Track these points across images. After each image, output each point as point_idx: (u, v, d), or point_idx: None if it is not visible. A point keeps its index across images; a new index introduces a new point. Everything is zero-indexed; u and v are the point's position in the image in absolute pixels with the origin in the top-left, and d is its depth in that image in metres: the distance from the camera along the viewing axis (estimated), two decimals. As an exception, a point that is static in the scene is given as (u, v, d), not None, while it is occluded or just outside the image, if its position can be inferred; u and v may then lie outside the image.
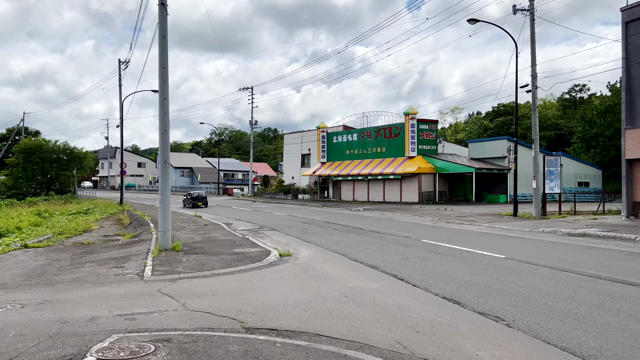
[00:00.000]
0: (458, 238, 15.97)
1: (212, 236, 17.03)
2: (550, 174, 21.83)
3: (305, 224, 22.08)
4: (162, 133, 12.88)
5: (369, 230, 18.87)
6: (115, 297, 8.09)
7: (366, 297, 7.87)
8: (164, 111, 12.85)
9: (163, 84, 12.87)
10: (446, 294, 7.96)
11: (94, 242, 16.51)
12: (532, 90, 21.58)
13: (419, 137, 36.12)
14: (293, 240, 16.46)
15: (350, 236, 17.05)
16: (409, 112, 35.98)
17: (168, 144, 12.98)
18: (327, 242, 15.64)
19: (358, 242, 15.42)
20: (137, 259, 11.79)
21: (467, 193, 37.99)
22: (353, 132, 42.33)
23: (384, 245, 14.53)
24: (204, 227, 20.33)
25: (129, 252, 12.99)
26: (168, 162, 12.99)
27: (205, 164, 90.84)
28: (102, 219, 28.00)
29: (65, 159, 51.19)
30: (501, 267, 10.44)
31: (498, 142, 36.15)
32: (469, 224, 20.79)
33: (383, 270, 10.38)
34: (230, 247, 14.00)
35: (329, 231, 18.96)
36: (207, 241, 15.49)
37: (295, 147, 52.89)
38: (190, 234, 17.71)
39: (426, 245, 14.20)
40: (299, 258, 12.34)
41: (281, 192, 50.49)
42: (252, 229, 20.33)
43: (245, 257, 12.03)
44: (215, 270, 10.37)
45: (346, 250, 13.48)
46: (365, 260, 11.77)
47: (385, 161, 37.93)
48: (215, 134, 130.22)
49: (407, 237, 16.34)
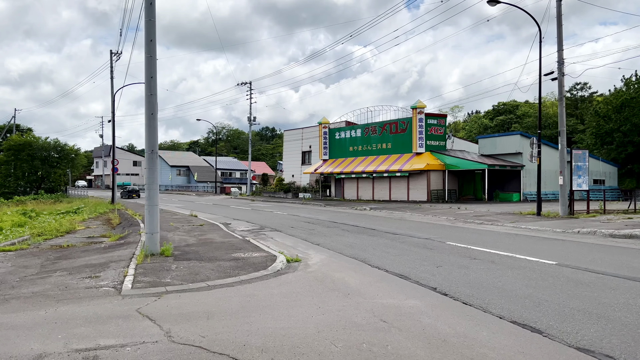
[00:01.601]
0: (487, 240, 14.09)
1: (208, 238, 15.12)
2: (578, 169, 19.98)
3: (311, 224, 20.19)
4: (149, 117, 10.95)
5: (382, 231, 16.98)
6: (79, 320, 6.18)
7: (410, 321, 5.97)
8: (151, 92, 10.93)
9: (150, 60, 10.94)
10: (514, 317, 6.07)
11: (74, 244, 14.57)
12: (559, 78, 19.70)
13: (427, 133, 34.24)
14: (299, 242, 14.56)
15: (363, 238, 15.17)
16: (416, 106, 34.10)
17: (156, 131, 11.05)
18: (339, 244, 13.76)
19: (374, 244, 13.53)
20: (117, 266, 9.86)
21: (477, 191, 36.15)
22: (356, 127, 40.41)
23: (405, 248, 12.64)
24: (199, 228, 18.41)
25: (109, 258, 11.06)
26: (156, 151, 11.06)
27: (202, 163, 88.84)
28: (91, 218, 26.06)
29: (55, 157, 49.21)
30: (561, 276, 8.55)
31: (510, 138, 34.31)
32: (490, 224, 18.93)
33: (416, 281, 8.49)
34: (228, 251, 12.09)
35: (338, 232, 17.08)
36: (202, 244, 13.58)
37: (295, 144, 50.95)
38: (183, 236, 15.79)
39: (454, 249, 12.32)
40: (310, 265, 10.44)
41: (281, 191, 48.56)
42: (253, 230, 18.43)
43: (247, 264, 10.12)
44: (211, 281, 8.46)
45: (363, 255, 11.59)
46: (389, 267, 9.88)
47: (391, 158, 36.04)
48: (212, 132, 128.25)
49: (429, 239, 14.47)
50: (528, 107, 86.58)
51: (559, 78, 19.69)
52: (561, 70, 19.61)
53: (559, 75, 19.69)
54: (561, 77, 19.66)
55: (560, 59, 19.64)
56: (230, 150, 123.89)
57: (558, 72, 19.68)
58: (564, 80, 19.66)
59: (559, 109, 20.10)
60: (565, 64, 19.87)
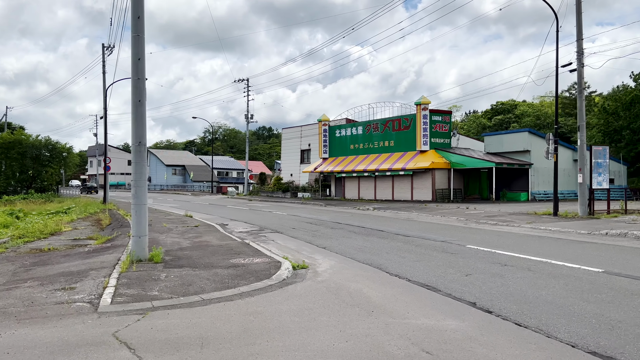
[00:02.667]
0: (510, 243, 12.84)
1: (203, 241, 13.81)
2: (598, 167, 18.75)
3: (313, 225, 18.91)
4: (136, 105, 9.64)
5: (392, 233, 15.72)
6: (39, 349, 4.88)
7: (459, 352, 4.70)
8: (138, 75, 9.62)
9: (137, 40, 9.63)
10: (590, 345, 4.80)
11: (56, 248, 13.23)
12: (578, 69, 18.46)
13: (431, 130, 32.99)
14: (304, 245, 13.28)
15: (373, 240, 13.89)
16: (421, 102, 32.84)
17: (144, 120, 9.74)
18: (347, 248, 12.49)
19: (387, 248, 12.26)
20: (97, 275, 8.54)
21: (483, 190, 34.94)
22: (357, 124, 39.12)
23: (422, 253, 11.37)
24: (194, 229, 17.09)
25: (91, 264, 9.74)
26: (144, 143, 9.75)
27: (198, 162, 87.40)
28: (80, 219, 24.70)
29: (47, 155, 47.66)
30: (619, 288, 7.30)
31: (518, 135, 33.10)
32: (505, 225, 17.70)
33: (448, 293, 7.22)
34: (226, 255, 10.78)
35: (344, 234, 15.81)
36: (197, 247, 12.26)
37: (294, 142, 49.62)
38: (176, 238, 14.47)
39: (478, 254, 11.06)
40: (319, 272, 9.16)
41: (279, 191, 47.23)
42: (252, 232, 17.13)
43: (248, 272, 8.82)
44: (207, 294, 7.17)
45: (378, 260, 10.32)
46: (411, 276, 8.61)
47: (394, 156, 34.77)
48: (209, 132, 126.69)
49: (445, 242, 13.21)
50: (527, 107, 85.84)
51: (578, 69, 18.45)
52: (581, 61, 18.38)
53: (578, 66, 18.45)
54: (581, 68, 18.43)
55: (580, 48, 18.41)
56: (227, 150, 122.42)
57: (577, 63, 18.44)
58: (583, 71, 18.43)
59: (579, 103, 18.89)
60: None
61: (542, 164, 32.42)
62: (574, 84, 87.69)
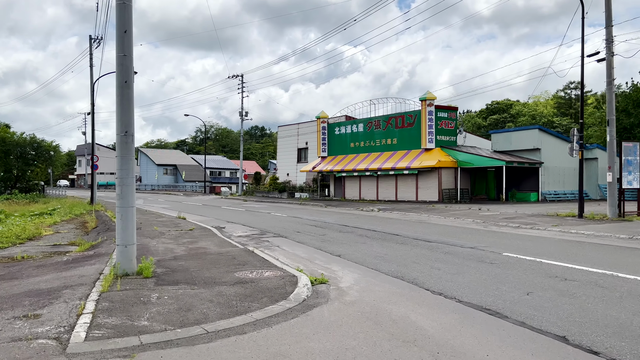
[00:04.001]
0: (551, 250, 11.32)
1: (200, 247, 12.16)
2: (628, 164, 17.32)
3: (319, 228, 17.31)
4: (122, 87, 7.98)
5: (409, 237, 14.15)
6: None
7: None
8: (124, 51, 7.96)
9: (123, 8, 7.96)
10: None
11: (31, 256, 11.54)
12: (607, 58, 17.01)
13: (437, 127, 31.47)
14: (315, 253, 11.68)
15: (392, 247, 12.32)
16: (426, 98, 31.32)
17: (131, 105, 8.08)
18: (366, 256, 10.92)
19: (412, 256, 10.69)
20: (72, 295, 6.87)
21: (490, 190, 33.52)
22: (358, 122, 37.53)
23: (457, 262, 9.81)
24: (189, 233, 15.41)
25: (66, 280, 8.06)
26: (131, 133, 8.08)
27: (190, 161, 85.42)
28: (64, 221, 22.93)
29: (32, 154, 45.63)
30: None
31: (527, 133, 31.68)
32: (529, 228, 16.21)
33: (519, 320, 5.66)
34: (229, 267, 9.15)
35: (356, 238, 14.23)
36: (194, 256, 10.61)
37: (290, 140, 47.93)
38: (169, 244, 12.80)
39: (522, 264, 9.51)
40: (343, 289, 7.58)
41: (275, 191, 45.54)
42: (253, 236, 15.50)
43: (258, 290, 7.20)
44: (211, 324, 5.54)
45: (409, 273, 8.75)
46: (460, 294, 7.04)
47: (398, 154, 33.22)
48: (201, 131, 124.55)
49: (476, 249, 11.66)
50: (522, 107, 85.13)
51: (607, 58, 17.00)
52: (610, 50, 16.92)
53: (607, 55, 17.00)
54: (610, 57, 16.98)
55: (609, 36, 16.95)
56: (219, 150, 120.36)
57: (607, 52, 16.98)
58: (613, 60, 16.98)
59: (608, 95, 17.46)
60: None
61: (552, 163, 31.05)
62: (568, 83, 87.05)
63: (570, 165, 32.53)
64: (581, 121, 18.29)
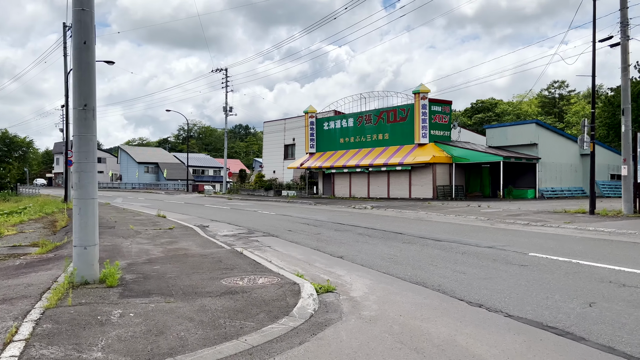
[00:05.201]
0: (581, 249, 10.00)
1: (180, 248, 10.57)
2: (644, 157, 16.15)
3: (312, 227, 15.82)
4: (79, 48, 6.40)
5: (415, 236, 12.75)
6: None
7: None
8: (83, 5, 6.39)
9: (80, -50, 6.35)
10: None
11: (-19, 259, 9.81)
12: (622, 42, 15.83)
13: (430, 121, 30.17)
14: (312, 254, 10.20)
15: (399, 247, 10.89)
16: (419, 91, 29.99)
17: (91, 73, 6.49)
18: (372, 257, 9.49)
19: (425, 257, 9.28)
20: (8, 312, 5.26)
21: (485, 187, 32.37)
22: (348, 116, 36.06)
23: (481, 265, 8.42)
24: (168, 233, 13.79)
25: (8, 290, 6.42)
26: (91, 107, 6.49)
27: (172, 159, 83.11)
28: (32, 220, 21.07)
29: (4, 150, 43.30)
30: None
31: (524, 127, 30.56)
32: (541, 225, 14.94)
33: (605, 345, 4.26)
34: (214, 272, 7.60)
35: (355, 237, 12.78)
36: (173, 259, 9.03)
37: (277, 136, 46.28)
38: (145, 244, 11.18)
39: (559, 266, 8.15)
40: (357, 300, 6.12)
41: (261, 188, 43.88)
42: (240, 235, 13.95)
43: (252, 303, 5.68)
44: (190, 356, 4.01)
45: (431, 278, 7.33)
46: (506, 306, 5.63)
47: (390, 150, 31.85)
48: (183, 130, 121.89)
49: (494, 248, 10.31)
50: (507, 105, 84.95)
51: (622, 42, 15.81)
52: (625, 33, 15.74)
53: (622, 39, 15.81)
54: (625, 41, 15.80)
55: (624, 18, 15.77)
56: (202, 148, 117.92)
57: (621, 35, 15.80)
58: (628, 45, 15.82)
59: (623, 82, 16.31)
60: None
61: (549, 159, 29.99)
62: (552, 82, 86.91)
63: (567, 161, 31.57)
64: (592, 110, 17.12)
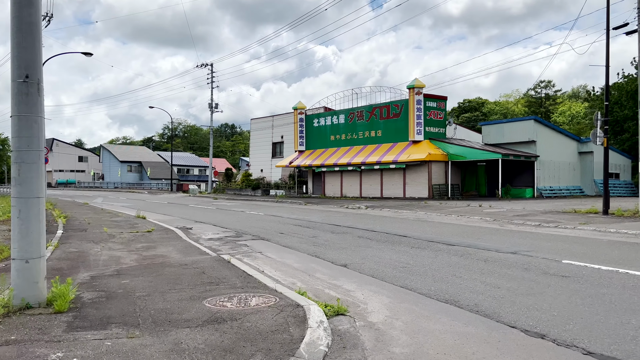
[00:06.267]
0: (622, 256, 8.78)
1: (157, 255, 9.11)
2: (662, 154, 15.06)
3: (306, 229, 14.44)
4: (19, 3, 4.91)
5: (422, 239, 11.44)
6: None
7: None
8: (23, -55, 4.87)
9: None
10: None
11: None
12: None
13: (425, 117, 28.96)
14: (310, 261, 8.83)
15: (408, 252, 9.56)
16: (414, 85, 28.75)
17: (35, 35, 5.02)
18: (381, 265, 8.17)
19: (443, 266, 7.97)
20: None
21: (480, 186, 31.28)
22: (339, 112, 34.72)
23: (513, 276, 7.13)
24: (145, 236, 12.28)
25: None
26: (36, 79, 5.04)
27: (156, 158, 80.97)
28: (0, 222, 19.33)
29: (-23, 147, 41.23)
30: None
31: (522, 124, 29.51)
32: (554, 227, 13.76)
33: None
34: (195, 287, 6.17)
35: (355, 241, 11.45)
36: (147, 269, 7.57)
37: (264, 133, 44.75)
38: (117, 250, 9.69)
39: (607, 277, 6.90)
40: (378, 326, 4.79)
41: (248, 188, 42.34)
42: (227, 239, 12.51)
43: (244, 337, 4.27)
44: None
45: (461, 295, 6.01)
46: (581, 339, 4.33)
47: (383, 147, 30.58)
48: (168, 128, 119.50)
49: (518, 254, 9.05)
50: (494, 105, 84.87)
51: (639, 30, 14.68)
52: (644, 20, 14.63)
53: (639, 27, 14.67)
54: (644, 28, 14.68)
55: (643, 4, 14.65)
56: (188, 147, 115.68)
57: (638, 22, 14.67)
58: (647, 32, 14.69)
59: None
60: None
61: (548, 157, 28.98)
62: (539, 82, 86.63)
63: (566, 159, 30.60)
64: (606, 103, 16.01)
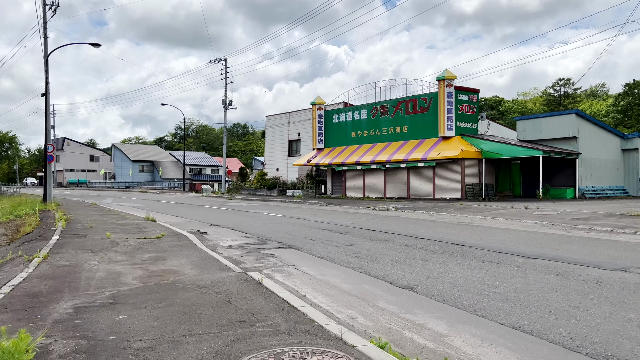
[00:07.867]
0: None
1: (168, 270, 7.21)
2: None
3: (338, 234, 12.48)
4: None
5: (487, 250, 9.42)
6: None
7: None
8: None
9: None
10: None
11: None
12: None
13: (457, 111, 26.81)
14: (360, 279, 6.88)
15: (481, 268, 7.58)
16: (444, 77, 26.59)
17: None
18: (459, 289, 6.21)
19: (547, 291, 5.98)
20: None
21: (515, 186, 29.06)
22: (361, 107, 32.65)
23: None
24: (154, 244, 10.39)
25: None
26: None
27: (168, 157, 79.52)
28: (-3, 224, 17.63)
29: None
30: None
31: (562, 119, 27.19)
32: (632, 233, 11.62)
33: None
34: (220, 331, 4.20)
35: (404, 251, 9.49)
36: (152, 294, 5.64)
37: (280, 131, 42.83)
38: (118, 263, 7.78)
39: None
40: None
41: (263, 188, 40.44)
42: (249, 246, 10.61)
43: None
44: None
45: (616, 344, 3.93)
46: None
47: (409, 144, 28.47)
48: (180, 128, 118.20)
49: (628, 271, 6.98)
50: (512, 104, 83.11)
51: None
52: None
53: None
54: None
55: None
56: (200, 147, 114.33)
57: None
58: None
59: None
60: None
61: (590, 154, 26.68)
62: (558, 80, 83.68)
63: (608, 157, 28.25)
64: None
